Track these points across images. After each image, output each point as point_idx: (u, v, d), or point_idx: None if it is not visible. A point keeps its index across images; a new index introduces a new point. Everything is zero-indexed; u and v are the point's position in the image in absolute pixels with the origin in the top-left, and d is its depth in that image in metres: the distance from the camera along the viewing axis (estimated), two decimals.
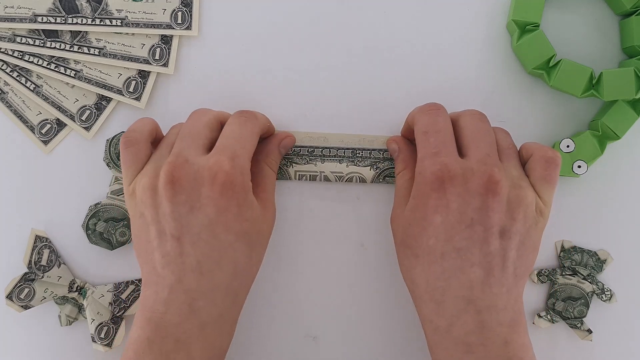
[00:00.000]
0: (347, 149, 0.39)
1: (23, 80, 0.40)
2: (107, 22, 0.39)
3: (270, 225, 0.36)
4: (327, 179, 0.39)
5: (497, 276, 0.31)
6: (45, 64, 0.40)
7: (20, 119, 0.40)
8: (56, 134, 0.40)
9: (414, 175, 0.35)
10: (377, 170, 0.39)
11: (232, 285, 0.33)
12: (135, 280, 0.40)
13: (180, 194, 0.31)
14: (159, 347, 0.31)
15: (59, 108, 0.40)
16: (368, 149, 0.39)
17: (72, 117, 0.40)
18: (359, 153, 0.39)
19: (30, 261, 0.40)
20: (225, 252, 0.32)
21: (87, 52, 0.39)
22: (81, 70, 0.40)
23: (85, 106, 0.40)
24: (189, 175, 0.32)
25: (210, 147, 0.34)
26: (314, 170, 0.39)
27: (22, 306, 0.39)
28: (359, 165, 0.39)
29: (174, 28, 0.39)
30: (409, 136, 0.38)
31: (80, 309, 0.40)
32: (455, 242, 0.31)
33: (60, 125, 0.40)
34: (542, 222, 0.33)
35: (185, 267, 0.31)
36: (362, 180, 0.39)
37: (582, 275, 0.39)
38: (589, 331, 0.39)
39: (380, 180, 0.39)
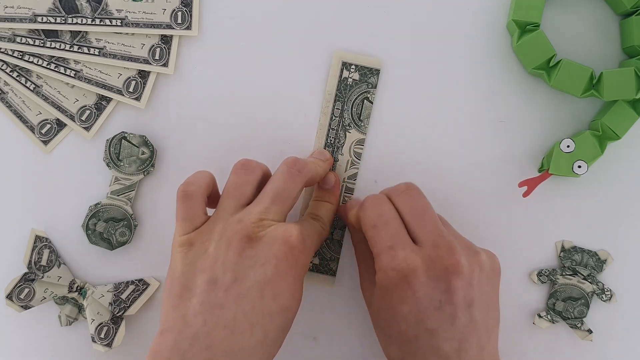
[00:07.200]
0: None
1: (23, 80, 0.40)
2: (107, 22, 0.39)
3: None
4: None
5: (471, 341, 0.31)
6: (45, 64, 0.40)
7: (20, 119, 0.40)
8: (56, 134, 0.40)
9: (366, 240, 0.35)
10: None
11: (255, 355, 0.31)
12: (135, 280, 0.40)
13: (252, 249, 0.32)
14: None
15: (59, 108, 0.40)
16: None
17: (72, 117, 0.40)
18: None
19: (30, 261, 0.40)
20: (262, 318, 0.31)
21: (87, 52, 0.39)
22: (81, 70, 0.40)
23: (85, 106, 0.40)
24: (267, 234, 0.32)
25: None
26: None
27: (22, 306, 0.39)
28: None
29: (174, 28, 0.39)
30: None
31: (80, 309, 0.40)
32: (426, 324, 0.31)
33: (60, 125, 0.40)
34: (495, 279, 0.34)
35: (219, 321, 0.30)
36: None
37: (583, 275, 0.39)
38: (589, 331, 0.39)
39: None
